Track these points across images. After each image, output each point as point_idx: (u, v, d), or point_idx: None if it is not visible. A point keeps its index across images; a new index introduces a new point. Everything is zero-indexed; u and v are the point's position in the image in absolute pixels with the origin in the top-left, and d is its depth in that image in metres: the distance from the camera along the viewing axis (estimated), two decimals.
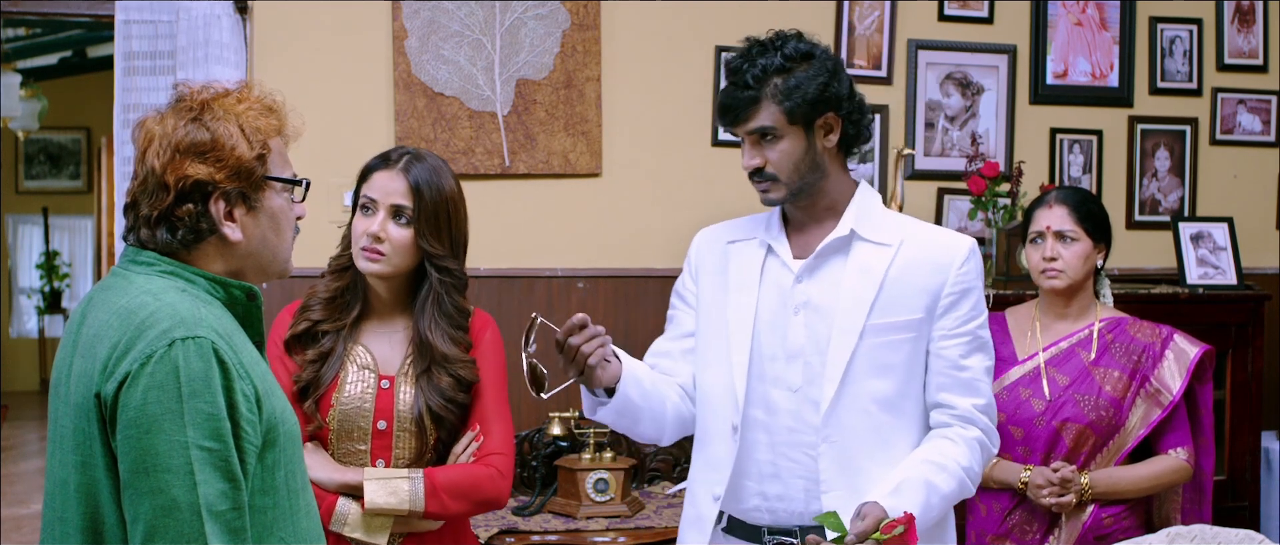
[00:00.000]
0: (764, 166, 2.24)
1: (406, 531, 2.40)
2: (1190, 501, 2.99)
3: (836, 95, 2.23)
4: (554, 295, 3.80)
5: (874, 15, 3.99)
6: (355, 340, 2.47)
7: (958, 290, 2.25)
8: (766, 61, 2.22)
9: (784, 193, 2.25)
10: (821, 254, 2.27)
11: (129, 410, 1.61)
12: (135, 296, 1.69)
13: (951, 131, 4.08)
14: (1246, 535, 2.21)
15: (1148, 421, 2.87)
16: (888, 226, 2.28)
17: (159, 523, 1.59)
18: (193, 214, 1.73)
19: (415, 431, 2.43)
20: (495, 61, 3.74)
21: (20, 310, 11.49)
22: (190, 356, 1.62)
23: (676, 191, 3.87)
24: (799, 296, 2.27)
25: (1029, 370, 2.91)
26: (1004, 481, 2.87)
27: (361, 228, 2.42)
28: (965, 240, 2.28)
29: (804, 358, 2.25)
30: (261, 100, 1.82)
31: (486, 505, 2.43)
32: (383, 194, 2.42)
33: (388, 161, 2.45)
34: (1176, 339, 2.93)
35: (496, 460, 2.43)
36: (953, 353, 2.25)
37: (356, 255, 2.42)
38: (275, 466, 1.72)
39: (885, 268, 2.23)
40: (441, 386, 2.42)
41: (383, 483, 2.35)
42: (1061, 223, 2.89)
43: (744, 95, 2.22)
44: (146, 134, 1.77)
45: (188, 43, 3.43)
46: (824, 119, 2.24)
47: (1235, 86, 4.31)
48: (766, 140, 2.23)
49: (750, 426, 2.29)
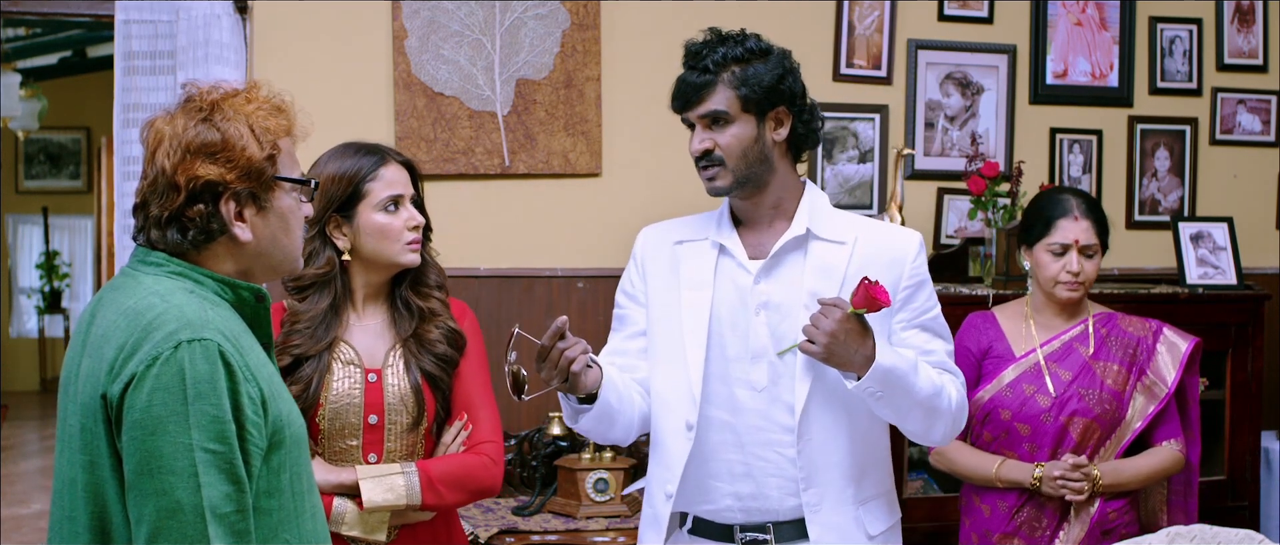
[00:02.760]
0: (713, 150, 2.27)
1: (401, 524, 2.40)
2: (1180, 495, 3.01)
3: (790, 90, 2.29)
4: (554, 295, 3.80)
5: (874, 15, 3.99)
6: (338, 338, 2.44)
7: (913, 283, 2.31)
8: (727, 50, 2.28)
9: (730, 179, 2.28)
10: (779, 254, 2.30)
11: (134, 412, 1.62)
12: (143, 297, 1.69)
13: (951, 131, 4.08)
14: (1246, 535, 2.21)
15: (1145, 413, 2.90)
16: (840, 224, 2.33)
17: (163, 524, 1.59)
18: (203, 214, 1.74)
19: (408, 418, 2.41)
20: (495, 61, 3.74)
21: (20, 310, 11.50)
22: (196, 359, 1.63)
23: (676, 191, 3.87)
24: (759, 296, 2.29)
25: (1029, 366, 2.91)
26: (1012, 480, 2.87)
27: (401, 222, 2.41)
28: (914, 234, 2.35)
29: (768, 357, 2.27)
30: (270, 100, 1.82)
31: (481, 493, 2.44)
32: (403, 185, 2.44)
33: (382, 159, 2.44)
34: (1166, 332, 2.95)
35: (488, 448, 2.44)
36: (917, 341, 2.32)
37: (399, 251, 2.41)
38: (281, 468, 1.73)
39: (845, 265, 2.28)
40: (431, 343, 2.43)
41: (378, 480, 2.34)
42: (1088, 237, 2.88)
43: (701, 79, 2.28)
44: (156, 134, 1.76)
45: (188, 43, 3.43)
46: (776, 111, 2.28)
47: (1235, 86, 4.31)
48: (717, 125, 2.28)
49: (713, 427, 2.31)
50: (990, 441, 2.92)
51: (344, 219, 2.40)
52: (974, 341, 2.97)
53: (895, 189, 3.74)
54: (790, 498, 2.27)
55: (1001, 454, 2.90)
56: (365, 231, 2.40)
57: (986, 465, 2.89)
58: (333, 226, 2.41)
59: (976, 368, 2.95)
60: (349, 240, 2.41)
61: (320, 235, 2.41)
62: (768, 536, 2.28)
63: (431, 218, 2.53)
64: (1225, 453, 3.80)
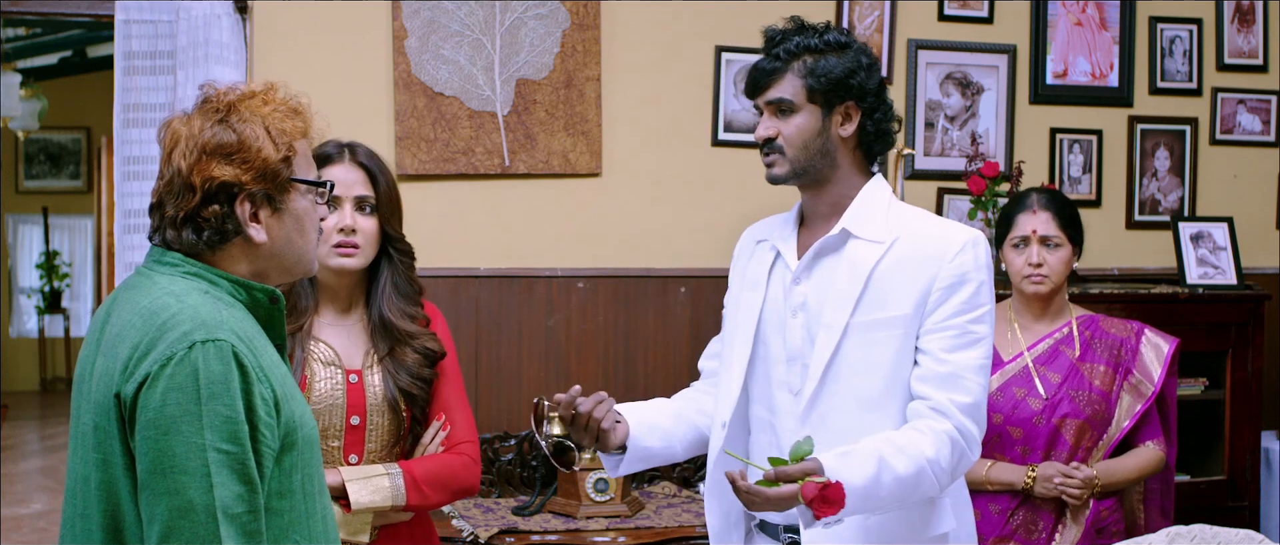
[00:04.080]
0: (775, 137, 2.25)
1: (382, 524, 2.41)
2: (1157, 494, 3.03)
3: (861, 86, 2.24)
4: (554, 295, 3.80)
5: (874, 15, 3.99)
6: (312, 337, 2.42)
7: (949, 283, 2.19)
8: (802, 39, 2.25)
9: (788, 168, 2.26)
10: (816, 254, 2.27)
11: (148, 411, 1.62)
12: (158, 297, 1.70)
13: (951, 131, 4.08)
14: (1246, 535, 2.21)
15: (1132, 413, 2.92)
16: (884, 223, 2.25)
17: (175, 524, 1.60)
18: (219, 215, 1.74)
19: (389, 420, 2.42)
20: (495, 61, 3.74)
21: (20, 310, 11.49)
22: (210, 359, 1.64)
23: (676, 191, 3.87)
24: (797, 298, 2.28)
25: (1018, 370, 2.91)
26: (1003, 482, 2.87)
27: (330, 223, 2.35)
28: (965, 231, 2.24)
29: (801, 360, 2.26)
30: (287, 102, 1.83)
31: (462, 493, 2.46)
32: (344, 187, 2.38)
33: (337, 155, 2.41)
34: (1147, 332, 2.97)
35: (467, 448, 2.47)
36: (936, 345, 2.19)
37: (325, 253, 2.35)
38: (293, 470, 1.73)
39: (872, 264, 2.21)
40: (408, 365, 2.42)
41: (364, 482, 2.35)
42: (1047, 228, 2.89)
43: (772, 66, 2.25)
44: (172, 135, 1.77)
45: (188, 42, 3.43)
46: (844, 105, 2.24)
47: (1235, 86, 4.31)
48: (783, 113, 2.25)
49: (758, 426, 2.32)
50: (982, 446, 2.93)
51: None
52: None
53: (895, 189, 3.74)
54: None
55: (992, 458, 2.91)
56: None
57: (976, 468, 2.89)
58: None
59: None
60: None
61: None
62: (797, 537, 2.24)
63: (432, 219, 2.51)
64: (1225, 453, 3.80)
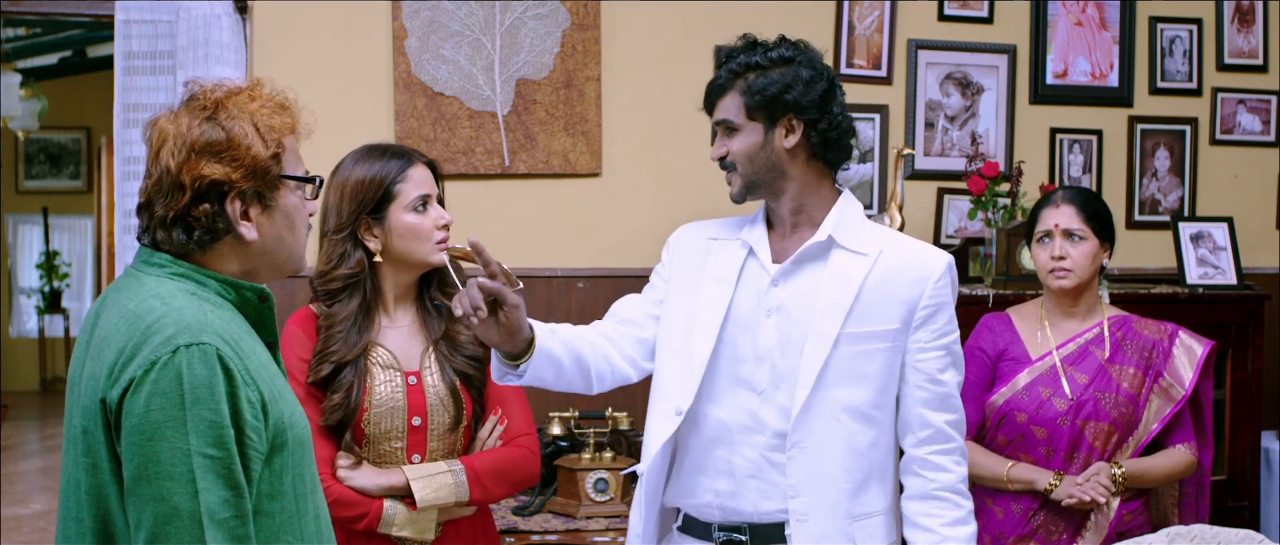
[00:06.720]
0: (726, 156, 2.31)
1: (446, 519, 2.49)
2: (1191, 498, 3.00)
3: (798, 101, 2.24)
4: (554, 295, 3.80)
5: (874, 15, 3.99)
6: (372, 341, 2.49)
7: (934, 304, 2.26)
8: (746, 57, 2.28)
9: (741, 184, 2.31)
10: (799, 259, 2.29)
11: (133, 417, 1.61)
12: (144, 300, 1.68)
13: (951, 131, 4.08)
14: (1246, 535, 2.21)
15: (1161, 416, 2.90)
16: (867, 236, 2.30)
17: (160, 530, 1.59)
18: (209, 214, 1.72)
19: (450, 418, 2.48)
20: (495, 61, 3.74)
21: (20, 310, 11.49)
22: (194, 363, 1.62)
23: (676, 191, 3.87)
24: (773, 299, 2.28)
25: (1045, 369, 2.90)
26: (1024, 482, 2.86)
27: (430, 222, 2.47)
28: (944, 256, 2.30)
29: (771, 361, 2.27)
30: (274, 98, 1.80)
31: (523, 484, 2.54)
32: (429, 186, 2.50)
33: (409, 157, 2.51)
34: (1182, 335, 2.95)
35: (525, 440, 2.55)
36: (930, 366, 2.27)
37: (429, 251, 2.46)
38: (283, 471, 1.72)
39: (863, 276, 2.25)
40: (462, 344, 2.50)
41: (428, 480, 2.42)
42: (1070, 221, 2.89)
43: (716, 85, 2.31)
44: (160, 133, 1.75)
45: (188, 43, 3.43)
46: (785, 119, 2.26)
47: (1235, 86, 4.31)
48: (730, 131, 2.30)
49: (708, 422, 2.31)
50: (1005, 445, 2.92)
51: (375, 221, 2.46)
52: (989, 344, 2.97)
53: (895, 189, 3.74)
54: (768, 502, 2.26)
55: (1016, 457, 2.89)
56: (396, 232, 2.45)
57: (997, 467, 2.88)
58: (363, 229, 2.46)
59: (992, 370, 2.95)
60: (380, 241, 2.47)
61: (351, 237, 2.46)
62: (744, 538, 2.28)
63: None
64: (1225, 453, 3.80)
